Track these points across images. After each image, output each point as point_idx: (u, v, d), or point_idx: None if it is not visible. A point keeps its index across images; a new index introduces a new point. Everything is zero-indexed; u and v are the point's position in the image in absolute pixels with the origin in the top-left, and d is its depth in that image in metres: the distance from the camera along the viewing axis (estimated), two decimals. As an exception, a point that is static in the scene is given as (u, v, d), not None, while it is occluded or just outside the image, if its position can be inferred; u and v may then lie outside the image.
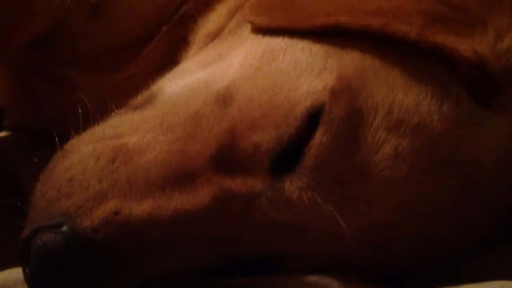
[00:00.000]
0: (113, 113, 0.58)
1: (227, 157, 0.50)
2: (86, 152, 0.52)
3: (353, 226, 0.49)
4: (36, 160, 0.56)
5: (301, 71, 0.52)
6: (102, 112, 0.59)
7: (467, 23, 0.52)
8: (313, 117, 0.49)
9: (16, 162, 0.76)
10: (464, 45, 0.51)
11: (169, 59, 0.67)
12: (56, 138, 0.56)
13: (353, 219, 0.49)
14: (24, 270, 0.47)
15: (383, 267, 0.52)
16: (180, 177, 0.50)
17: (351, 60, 0.52)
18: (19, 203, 0.53)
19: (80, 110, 0.59)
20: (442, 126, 0.51)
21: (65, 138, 0.56)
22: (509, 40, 0.51)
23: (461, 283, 0.49)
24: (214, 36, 0.65)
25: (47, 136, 0.61)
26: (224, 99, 0.53)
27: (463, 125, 0.52)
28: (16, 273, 0.53)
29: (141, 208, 0.48)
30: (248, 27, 0.59)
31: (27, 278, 0.47)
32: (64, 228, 0.47)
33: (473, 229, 0.55)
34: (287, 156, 0.49)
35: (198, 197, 0.49)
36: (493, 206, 0.56)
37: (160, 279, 0.49)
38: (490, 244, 0.55)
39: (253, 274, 0.51)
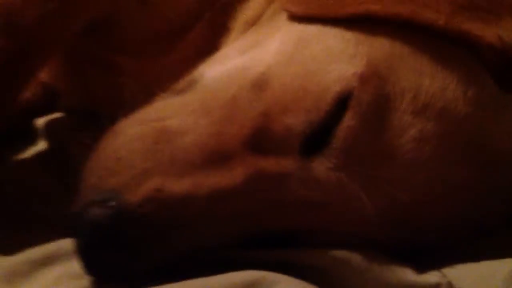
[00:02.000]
0: (157, 97, 0.60)
1: (261, 139, 0.52)
2: (133, 134, 0.55)
3: (377, 205, 0.51)
4: (87, 140, 0.57)
5: (332, 58, 0.53)
6: (147, 96, 0.61)
7: (493, 10, 0.53)
8: (342, 101, 0.51)
9: (68, 142, 0.78)
10: (489, 32, 0.52)
11: (210, 45, 0.68)
12: (105, 120, 0.58)
13: (377, 198, 0.51)
14: (75, 242, 0.50)
15: (405, 244, 0.53)
16: (217, 157, 0.52)
17: (380, 47, 0.53)
18: (69, 180, 0.55)
19: (127, 94, 0.63)
20: (467, 110, 0.52)
21: (113, 120, 0.58)
22: None
23: (479, 260, 0.51)
24: (253, 23, 0.66)
25: (98, 118, 0.65)
26: (260, 84, 0.55)
27: (486, 110, 0.53)
28: (68, 244, 0.56)
29: (180, 185, 0.50)
30: (284, 15, 0.60)
31: (78, 249, 0.50)
32: (112, 203, 0.49)
33: (493, 209, 0.56)
34: (316, 138, 0.51)
35: (233, 176, 0.51)
36: (507, 187, 0.57)
37: (197, 252, 0.51)
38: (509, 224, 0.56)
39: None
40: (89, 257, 0.50)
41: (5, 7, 0.63)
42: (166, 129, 0.54)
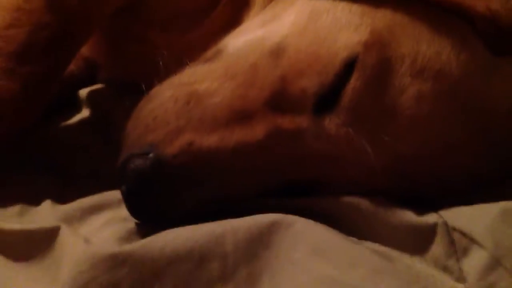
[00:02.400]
0: (187, 66, 0.64)
1: (279, 100, 0.56)
2: (166, 96, 0.59)
3: (381, 158, 0.55)
4: (125, 106, 0.62)
5: (340, 27, 0.57)
6: (178, 65, 0.64)
7: None
8: (349, 65, 0.54)
9: (109, 109, 0.83)
10: (479, 2, 0.55)
11: (233, 20, 0.72)
12: (142, 87, 0.63)
13: (381, 151, 0.55)
14: (121, 190, 0.55)
15: (406, 193, 0.57)
16: (241, 116, 0.56)
17: (383, 17, 0.56)
18: (112, 140, 0.61)
19: (160, 64, 0.66)
20: (460, 72, 0.55)
21: (148, 88, 0.63)
22: None
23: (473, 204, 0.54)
24: None
25: (134, 87, 0.68)
26: (277, 52, 0.58)
27: (479, 71, 0.56)
28: (113, 195, 0.62)
29: (209, 140, 0.55)
30: None
31: (124, 195, 0.54)
32: (151, 155, 0.54)
33: (488, 164, 0.59)
34: (327, 98, 0.55)
35: (255, 132, 0.55)
36: (508, 145, 0.60)
37: (223, 199, 0.56)
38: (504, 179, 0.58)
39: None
40: (133, 202, 0.55)
41: None
42: (196, 92, 0.58)
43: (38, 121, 0.70)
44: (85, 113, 0.86)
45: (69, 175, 0.69)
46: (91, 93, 0.92)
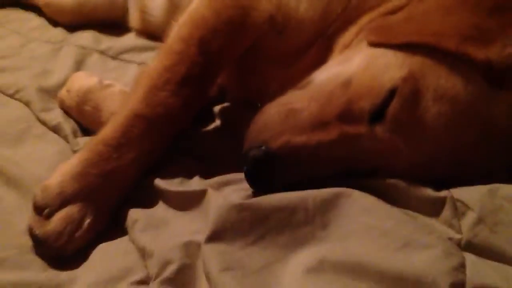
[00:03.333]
0: (288, 91, 0.80)
1: (346, 114, 0.72)
2: (273, 112, 0.76)
3: (413, 154, 0.71)
4: (246, 117, 0.79)
5: (389, 67, 0.72)
6: (282, 90, 0.81)
7: (485, 39, 0.70)
8: (392, 93, 0.70)
9: (234, 120, 1.00)
10: (481, 54, 0.69)
11: (320, 60, 0.86)
12: (258, 105, 0.80)
13: (413, 150, 0.71)
14: (244, 170, 0.73)
15: (430, 178, 0.72)
16: (320, 124, 0.73)
17: (416, 60, 0.72)
18: (237, 140, 0.78)
19: (270, 89, 0.84)
20: (467, 98, 0.70)
21: (262, 105, 0.78)
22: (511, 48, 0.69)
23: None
24: (347, 46, 0.85)
25: (252, 105, 0.86)
26: (347, 83, 0.75)
27: (480, 98, 0.71)
28: (238, 175, 0.80)
29: (300, 139, 0.72)
30: (365, 42, 0.79)
31: (245, 173, 0.73)
32: (263, 147, 0.72)
33: (491, 162, 0.73)
34: (378, 113, 0.71)
35: (330, 135, 0.72)
36: (506, 150, 0.73)
37: (308, 177, 0.73)
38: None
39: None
40: (251, 177, 0.74)
41: (202, 40, 0.86)
42: (293, 109, 0.75)
43: (188, 126, 0.90)
44: (217, 122, 1.02)
45: (209, 161, 0.90)
46: (222, 109, 1.07)
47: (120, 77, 1.23)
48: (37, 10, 1.58)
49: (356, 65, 0.78)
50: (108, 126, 0.85)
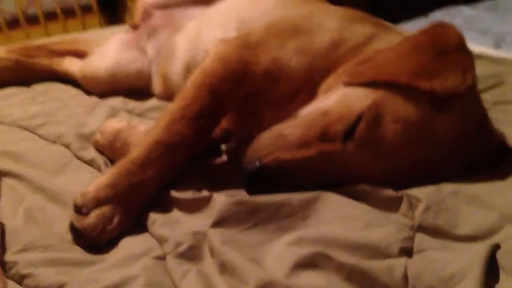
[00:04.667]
0: (279, 124, 0.97)
1: (325, 136, 0.90)
2: (266, 138, 0.94)
3: (377, 165, 0.89)
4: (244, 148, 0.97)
5: (358, 99, 0.90)
6: (274, 123, 0.98)
7: (431, 75, 0.89)
8: (359, 117, 0.88)
9: (237, 153, 1.09)
10: (427, 85, 0.88)
11: (308, 100, 1.03)
12: (254, 135, 0.97)
13: (377, 161, 0.89)
14: (243, 180, 0.91)
15: (393, 183, 0.90)
16: (305, 144, 0.90)
17: (378, 93, 0.90)
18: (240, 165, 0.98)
19: (265, 124, 1.01)
20: (417, 120, 0.88)
21: (257, 135, 0.96)
22: (451, 80, 0.88)
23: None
24: (328, 89, 1.01)
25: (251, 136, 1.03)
26: (326, 113, 0.92)
27: (428, 119, 0.88)
28: (239, 191, 0.99)
29: (287, 155, 0.89)
30: (341, 84, 0.97)
31: (244, 183, 0.91)
32: (257, 163, 0.89)
33: (440, 169, 0.92)
34: (349, 133, 0.88)
35: (311, 151, 0.89)
36: (450, 163, 0.91)
37: (293, 184, 0.89)
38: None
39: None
40: (248, 185, 0.92)
41: (212, 86, 1.03)
42: (282, 134, 0.93)
43: (200, 152, 1.08)
44: (224, 158, 1.18)
45: (216, 180, 1.07)
46: (227, 147, 1.21)
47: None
48: (72, 82, 1.82)
49: (334, 99, 0.97)
50: (135, 149, 1.05)
